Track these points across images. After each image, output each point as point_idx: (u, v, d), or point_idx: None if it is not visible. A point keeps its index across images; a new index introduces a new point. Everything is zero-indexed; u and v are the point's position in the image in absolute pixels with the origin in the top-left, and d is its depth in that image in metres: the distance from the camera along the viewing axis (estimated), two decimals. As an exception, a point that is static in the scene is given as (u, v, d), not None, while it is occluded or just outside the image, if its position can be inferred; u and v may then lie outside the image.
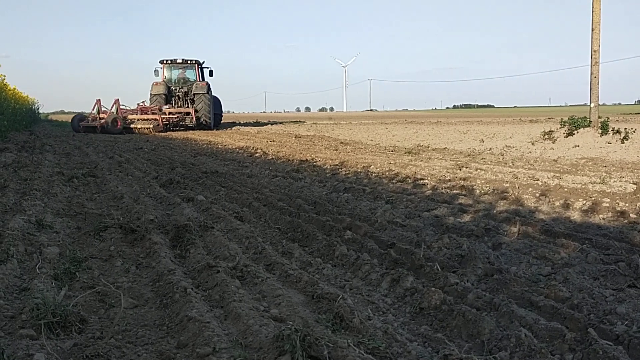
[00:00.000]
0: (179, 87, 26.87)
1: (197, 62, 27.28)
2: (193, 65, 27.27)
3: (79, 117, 24.49)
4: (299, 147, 14.77)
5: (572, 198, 6.25)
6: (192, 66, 27.30)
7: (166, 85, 26.70)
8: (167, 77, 27.31)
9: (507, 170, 9.11)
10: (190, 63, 27.25)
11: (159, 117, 24.13)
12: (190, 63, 27.25)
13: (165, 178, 8.45)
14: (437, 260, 3.96)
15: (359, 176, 8.73)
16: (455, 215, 5.64)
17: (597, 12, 13.62)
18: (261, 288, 3.44)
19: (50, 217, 5.31)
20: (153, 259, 4.03)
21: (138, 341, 2.74)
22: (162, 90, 26.35)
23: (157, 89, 26.40)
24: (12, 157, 10.46)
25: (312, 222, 5.31)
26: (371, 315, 3.10)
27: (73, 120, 24.35)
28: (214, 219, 5.46)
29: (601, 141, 12.86)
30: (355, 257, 4.09)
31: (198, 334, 2.66)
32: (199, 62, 27.43)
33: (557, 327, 2.71)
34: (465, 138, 17.64)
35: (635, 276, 3.55)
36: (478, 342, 2.74)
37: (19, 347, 2.53)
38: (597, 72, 13.81)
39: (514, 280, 3.50)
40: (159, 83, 26.69)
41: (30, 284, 3.35)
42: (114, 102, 23.95)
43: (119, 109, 23.90)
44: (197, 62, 27.27)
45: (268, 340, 2.53)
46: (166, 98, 26.43)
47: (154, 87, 26.53)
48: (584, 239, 4.48)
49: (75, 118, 24.39)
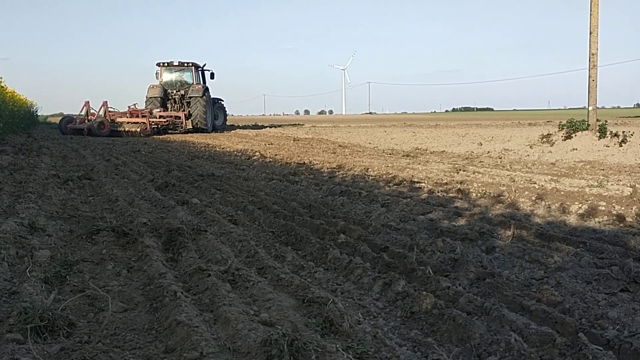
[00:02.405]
0: (175, 90, 26.58)
1: (195, 64, 27.01)
2: (190, 68, 26.93)
3: (67, 119, 24.11)
4: (297, 150, 14.76)
5: (569, 201, 6.24)
6: (189, 69, 26.94)
7: (163, 88, 26.40)
8: (165, 79, 26.97)
9: (505, 173, 9.10)
10: (187, 66, 26.92)
11: (147, 121, 23.64)
12: (187, 66, 26.92)
13: (161, 181, 8.43)
14: (429, 264, 3.95)
15: (355, 179, 8.71)
16: (450, 218, 5.63)
17: (595, 15, 13.63)
18: (252, 292, 3.42)
19: (44, 220, 5.29)
20: (144, 263, 4.01)
21: (126, 345, 2.73)
22: (157, 94, 26.02)
23: (153, 92, 26.12)
24: (9, 160, 10.44)
25: (306, 225, 5.29)
26: (361, 320, 3.09)
27: (61, 122, 24.04)
28: (208, 222, 5.44)
29: (599, 144, 12.85)
30: (347, 260, 4.07)
31: (186, 339, 2.64)
32: (197, 64, 27.15)
33: (547, 332, 2.70)
34: (463, 141, 17.64)
35: (628, 280, 3.53)
36: (468, 347, 2.72)
37: (5, 351, 2.51)
38: (595, 76, 13.81)
39: (506, 285, 3.48)
40: (156, 86, 26.42)
41: (19, 288, 3.33)
42: (102, 105, 23.68)
43: (107, 111, 23.56)
44: (194, 65, 26.96)
45: (256, 345, 2.51)
46: (162, 101, 26.12)
47: (149, 90, 26.21)
48: (579, 243, 4.46)
49: (63, 120, 24.06)
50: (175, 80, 27.03)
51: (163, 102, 26.22)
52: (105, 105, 23.67)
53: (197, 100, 25.53)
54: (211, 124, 26.99)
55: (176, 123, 25.27)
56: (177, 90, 26.55)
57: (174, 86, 26.78)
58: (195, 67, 27.00)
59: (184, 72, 27.12)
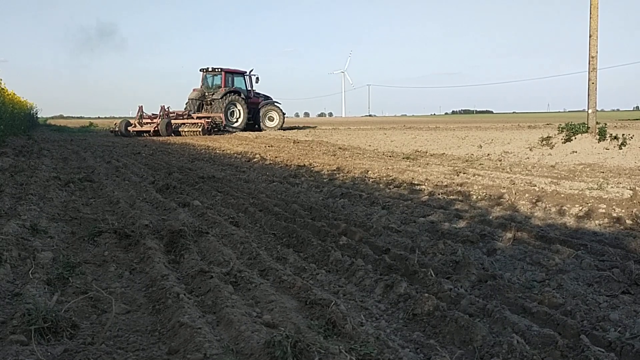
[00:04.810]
0: (210, 94, 28.99)
1: (222, 69, 29.36)
2: (219, 73, 29.42)
3: (126, 122, 26.04)
4: (297, 153, 14.78)
5: (569, 204, 6.25)
6: (219, 73, 29.43)
7: (202, 92, 29.07)
8: (204, 84, 29.82)
9: (505, 176, 9.11)
10: (216, 71, 29.48)
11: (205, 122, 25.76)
12: (216, 71, 29.48)
13: (162, 183, 8.44)
14: (431, 266, 3.96)
15: (356, 182, 8.73)
16: (450, 221, 5.64)
17: (595, 18, 13.66)
18: (254, 294, 3.43)
19: (45, 222, 5.30)
20: (147, 264, 4.02)
21: (129, 347, 2.73)
22: (195, 96, 28.92)
23: (192, 95, 29.18)
24: (9, 162, 10.45)
25: (308, 227, 5.30)
26: (364, 321, 3.09)
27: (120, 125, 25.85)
28: (209, 224, 5.45)
29: (599, 147, 12.86)
30: (349, 262, 4.08)
31: (189, 340, 2.65)
32: (225, 69, 29.43)
33: (549, 334, 2.71)
34: (463, 144, 17.65)
35: (629, 282, 3.55)
36: (470, 349, 2.73)
37: (9, 352, 2.52)
38: (595, 78, 13.83)
39: (507, 287, 3.49)
40: (196, 89, 29.44)
41: (22, 289, 3.34)
42: (138, 109, 25.84)
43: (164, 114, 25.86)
44: (222, 70, 29.31)
45: (259, 347, 2.52)
46: (200, 104, 28.76)
47: (191, 93, 29.33)
48: (579, 245, 4.47)
49: (123, 123, 25.91)
50: (212, 84, 29.76)
51: (201, 104, 28.71)
52: (140, 109, 25.74)
53: (216, 102, 27.95)
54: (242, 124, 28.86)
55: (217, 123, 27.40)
56: (212, 94, 28.83)
57: (210, 89, 29.32)
58: (225, 72, 29.32)
59: (214, 76, 29.80)
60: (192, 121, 26.29)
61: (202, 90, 29.21)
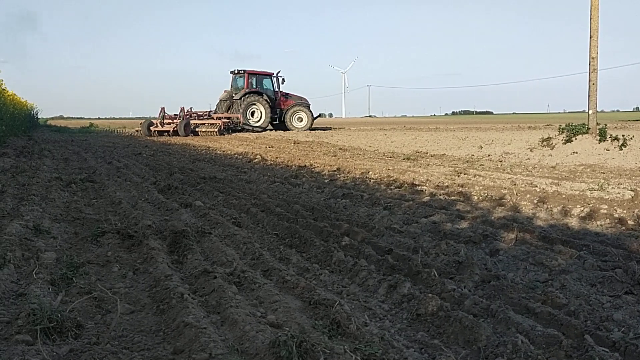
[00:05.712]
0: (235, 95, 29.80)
1: (246, 71, 30.16)
2: (242, 75, 30.31)
3: (149, 122, 27.30)
4: (297, 153, 14.78)
5: (570, 205, 6.26)
6: (242, 75, 30.29)
7: (230, 93, 30.08)
8: (232, 85, 30.86)
9: (506, 176, 9.11)
10: (239, 73, 30.51)
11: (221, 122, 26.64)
12: (239, 73, 30.51)
13: (164, 183, 8.45)
14: (434, 266, 3.96)
15: (357, 182, 8.73)
16: (452, 221, 5.64)
17: (596, 19, 13.68)
18: (258, 294, 3.43)
19: (48, 222, 5.31)
20: (150, 265, 4.03)
21: (134, 347, 2.74)
22: (224, 97, 30.04)
23: (222, 96, 30.42)
24: (11, 162, 10.45)
25: (310, 228, 5.31)
26: (368, 322, 3.10)
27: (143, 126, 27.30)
28: (212, 225, 5.46)
29: (599, 148, 12.87)
30: (352, 263, 4.09)
31: (194, 340, 2.66)
32: (249, 71, 30.19)
33: (553, 334, 2.72)
34: (463, 144, 17.66)
35: (632, 283, 3.55)
36: (475, 349, 2.74)
37: (15, 352, 2.53)
38: (595, 79, 13.85)
39: (511, 287, 3.50)
40: (226, 90, 30.68)
41: (27, 290, 3.35)
42: (160, 110, 26.89)
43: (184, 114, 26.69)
44: (245, 72, 30.10)
45: (264, 346, 2.53)
46: (229, 105, 29.60)
47: (221, 94, 30.62)
48: (582, 246, 4.48)
49: (145, 124, 27.26)
50: (237, 85, 30.61)
51: (230, 105, 29.54)
52: (163, 110, 26.78)
53: (236, 102, 28.97)
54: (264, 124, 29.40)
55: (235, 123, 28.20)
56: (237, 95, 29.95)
57: (236, 91, 30.20)
58: (248, 74, 30.08)
59: (238, 78, 30.66)
60: (210, 121, 27.04)
61: (231, 92, 30.18)
